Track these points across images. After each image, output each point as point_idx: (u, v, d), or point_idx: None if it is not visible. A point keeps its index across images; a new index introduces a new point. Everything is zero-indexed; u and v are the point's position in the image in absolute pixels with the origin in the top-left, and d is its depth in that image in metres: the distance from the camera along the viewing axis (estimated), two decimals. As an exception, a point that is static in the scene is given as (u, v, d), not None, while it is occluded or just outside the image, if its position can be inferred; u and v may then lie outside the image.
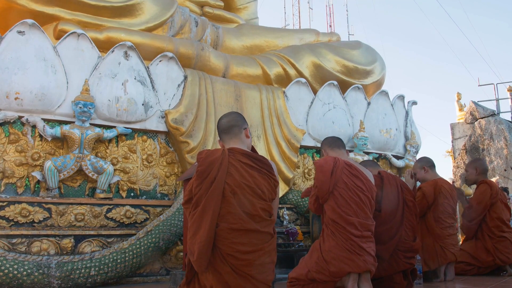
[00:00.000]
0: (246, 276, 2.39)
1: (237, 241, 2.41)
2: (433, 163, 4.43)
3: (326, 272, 2.85)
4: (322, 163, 3.09)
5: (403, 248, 3.44)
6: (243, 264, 2.40)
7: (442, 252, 4.03)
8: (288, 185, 5.49)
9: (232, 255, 2.40)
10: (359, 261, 2.84)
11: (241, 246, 2.41)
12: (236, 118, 2.78)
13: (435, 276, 4.09)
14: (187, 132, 4.89)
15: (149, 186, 4.81)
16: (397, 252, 3.42)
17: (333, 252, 2.87)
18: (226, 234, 2.41)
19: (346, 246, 2.86)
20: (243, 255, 2.40)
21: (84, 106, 4.35)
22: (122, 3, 5.42)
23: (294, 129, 5.69)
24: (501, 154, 9.96)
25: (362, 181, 3.04)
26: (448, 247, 4.06)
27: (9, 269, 3.54)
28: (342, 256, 2.84)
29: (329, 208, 2.97)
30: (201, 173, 2.49)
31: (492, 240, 4.60)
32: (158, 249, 4.22)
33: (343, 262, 2.83)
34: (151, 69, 4.97)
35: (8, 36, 4.29)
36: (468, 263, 4.61)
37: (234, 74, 5.91)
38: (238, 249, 2.40)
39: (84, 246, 4.17)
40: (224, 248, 2.40)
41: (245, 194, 2.49)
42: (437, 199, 4.17)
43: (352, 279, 2.85)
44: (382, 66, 7.03)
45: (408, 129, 6.90)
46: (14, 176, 4.18)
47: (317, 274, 2.87)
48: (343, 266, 2.82)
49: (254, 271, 2.41)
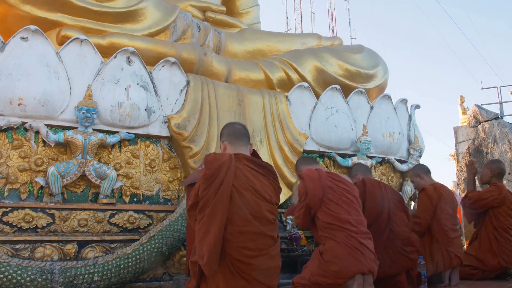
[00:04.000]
0: (252, 280, 2.40)
1: (244, 245, 2.42)
2: (428, 170, 4.45)
3: (328, 273, 2.83)
4: (307, 173, 3.20)
5: (400, 242, 3.55)
6: (250, 268, 2.40)
7: (447, 256, 4.01)
8: (291, 190, 5.47)
9: (240, 259, 2.40)
10: (361, 258, 2.83)
11: (248, 250, 2.42)
12: (247, 130, 2.90)
13: (439, 281, 4.06)
14: (190, 137, 4.89)
15: (152, 191, 4.81)
16: (395, 246, 3.51)
17: (333, 251, 2.87)
18: (234, 238, 2.41)
19: (346, 243, 2.86)
20: (249, 259, 2.41)
21: (87, 112, 4.36)
22: (125, 9, 5.44)
23: (297, 133, 5.68)
24: (505, 157, 9.91)
25: (345, 183, 3.18)
26: (453, 250, 4.04)
27: (12, 275, 3.53)
28: (343, 253, 2.84)
29: (321, 214, 3.02)
30: (209, 176, 2.50)
31: (498, 242, 4.56)
32: (161, 254, 4.21)
33: (345, 260, 2.82)
34: (154, 74, 4.98)
35: (11, 42, 4.31)
36: (473, 267, 4.58)
37: (237, 79, 5.91)
38: (245, 253, 2.41)
39: (87, 251, 4.16)
40: (231, 252, 2.41)
41: (252, 197, 2.51)
42: (439, 203, 4.16)
43: (357, 283, 2.82)
44: (384, 70, 7.02)
45: (411, 133, 6.88)
46: (17, 182, 4.18)
47: (320, 277, 2.86)
48: (345, 265, 2.80)
49: (260, 275, 2.42)
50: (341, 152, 6.08)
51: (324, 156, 6.03)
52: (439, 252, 4.04)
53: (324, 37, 7.50)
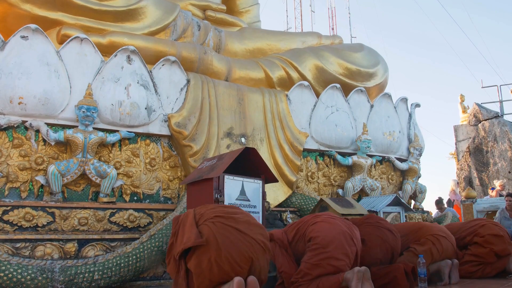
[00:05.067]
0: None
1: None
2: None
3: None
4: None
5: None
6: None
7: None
8: (291, 188, 5.48)
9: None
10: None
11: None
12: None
13: (439, 279, 4.06)
14: (190, 136, 4.89)
15: (152, 190, 4.81)
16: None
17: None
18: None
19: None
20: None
21: (87, 110, 4.36)
22: (125, 8, 5.44)
23: (297, 132, 5.69)
24: (505, 156, 9.92)
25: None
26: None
27: (13, 274, 3.54)
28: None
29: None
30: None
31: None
32: (162, 253, 4.21)
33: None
34: (154, 73, 4.98)
35: (12, 41, 4.32)
36: (472, 262, 4.56)
37: (237, 77, 5.91)
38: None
39: (87, 250, 4.16)
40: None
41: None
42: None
43: (356, 278, 2.89)
44: (385, 68, 7.02)
45: (412, 132, 6.88)
46: (17, 181, 4.19)
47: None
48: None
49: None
50: (341, 151, 6.09)
51: (324, 154, 6.04)
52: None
53: (324, 36, 7.51)
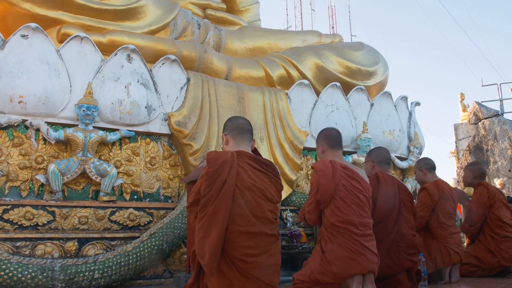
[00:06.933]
0: (253, 279, 2.38)
1: (245, 244, 2.40)
2: (432, 166, 4.38)
3: (329, 273, 2.83)
4: (322, 167, 3.07)
5: (404, 244, 3.48)
6: (250, 267, 2.39)
7: (446, 252, 4.01)
8: (291, 187, 5.48)
9: (240, 258, 2.38)
10: (363, 261, 2.82)
11: (249, 249, 2.40)
12: (251, 126, 2.84)
13: (440, 278, 4.07)
14: (190, 135, 4.89)
15: (153, 188, 4.82)
16: (399, 249, 3.45)
17: (335, 252, 2.85)
18: (235, 237, 2.39)
19: (349, 246, 2.84)
20: (250, 258, 2.39)
21: (87, 109, 4.36)
22: (125, 6, 5.44)
23: (297, 131, 5.69)
24: (505, 154, 9.92)
25: (359, 181, 3.05)
26: (452, 246, 4.05)
27: (13, 272, 3.54)
28: (345, 256, 2.82)
29: (329, 212, 2.95)
30: (212, 174, 2.46)
31: (495, 241, 4.58)
32: (162, 251, 4.22)
33: (346, 263, 2.81)
34: (154, 72, 4.98)
35: (12, 40, 4.31)
36: (473, 265, 4.59)
37: (237, 76, 5.91)
38: (245, 252, 2.39)
39: (88, 249, 4.17)
40: (232, 251, 2.39)
41: (254, 196, 2.48)
42: (439, 200, 4.16)
43: (356, 281, 2.82)
44: (385, 67, 7.02)
45: (412, 130, 6.88)
46: (18, 180, 4.19)
47: (321, 276, 2.85)
48: (346, 267, 2.80)
49: (260, 273, 2.40)
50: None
51: (324, 153, 6.03)
52: (437, 249, 4.05)
53: (324, 35, 7.50)
